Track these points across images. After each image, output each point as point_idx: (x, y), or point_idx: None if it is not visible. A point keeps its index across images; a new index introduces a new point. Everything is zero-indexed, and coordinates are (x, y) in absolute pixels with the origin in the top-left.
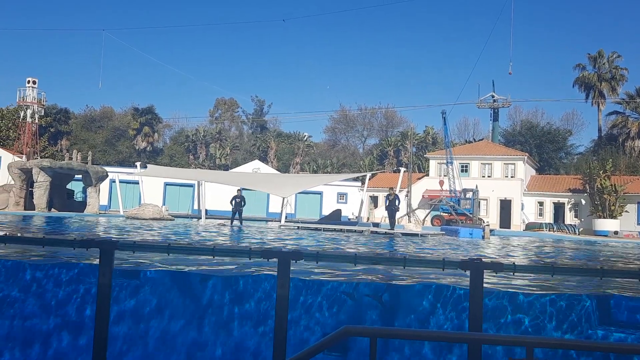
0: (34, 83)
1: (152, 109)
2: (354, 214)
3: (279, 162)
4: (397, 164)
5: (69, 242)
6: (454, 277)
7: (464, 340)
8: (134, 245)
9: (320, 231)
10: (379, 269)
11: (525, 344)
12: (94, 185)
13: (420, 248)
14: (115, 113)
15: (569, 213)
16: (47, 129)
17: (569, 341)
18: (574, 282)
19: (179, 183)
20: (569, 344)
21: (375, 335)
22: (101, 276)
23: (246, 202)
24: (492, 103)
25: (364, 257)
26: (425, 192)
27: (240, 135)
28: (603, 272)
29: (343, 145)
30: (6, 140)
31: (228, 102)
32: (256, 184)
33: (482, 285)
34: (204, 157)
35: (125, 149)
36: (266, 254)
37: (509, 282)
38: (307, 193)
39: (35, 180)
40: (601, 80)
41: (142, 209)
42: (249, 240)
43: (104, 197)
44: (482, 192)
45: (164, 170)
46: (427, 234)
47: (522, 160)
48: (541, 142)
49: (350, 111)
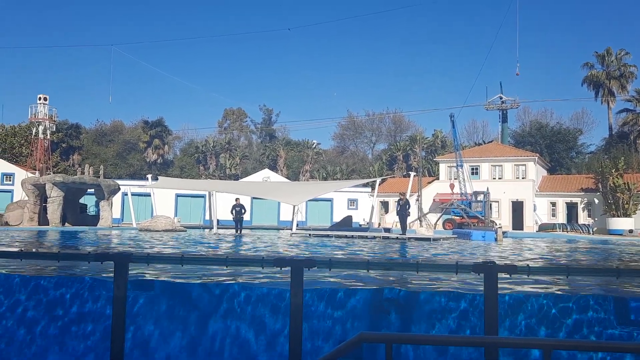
0: (45, 100)
1: (161, 121)
2: (365, 219)
3: (288, 170)
4: (407, 169)
5: (84, 256)
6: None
7: (480, 344)
8: (147, 258)
9: (332, 238)
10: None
11: (542, 347)
12: (107, 199)
13: (433, 252)
14: (126, 127)
15: (582, 213)
16: (59, 144)
17: (586, 342)
18: (590, 282)
19: (190, 194)
20: (586, 345)
21: (390, 341)
22: (116, 289)
23: (246, 210)
24: (501, 105)
25: (376, 263)
26: (436, 196)
27: (249, 145)
28: (619, 272)
29: (352, 152)
30: (19, 157)
31: (236, 112)
32: (267, 193)
33: (496, 288)
34: (214, 168)
35: (136, 161)
36: (279, 263)
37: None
38: (317, 200)
39: (49, 196)
40: (610, 78)
41: (155, 221)
42: (260, 249)
43: (116, 210)
44: (493, 194)
45: (175, 181)
46: (439, 238)
47: (532, 161)
48: (551, 142)
49: (358, 117)
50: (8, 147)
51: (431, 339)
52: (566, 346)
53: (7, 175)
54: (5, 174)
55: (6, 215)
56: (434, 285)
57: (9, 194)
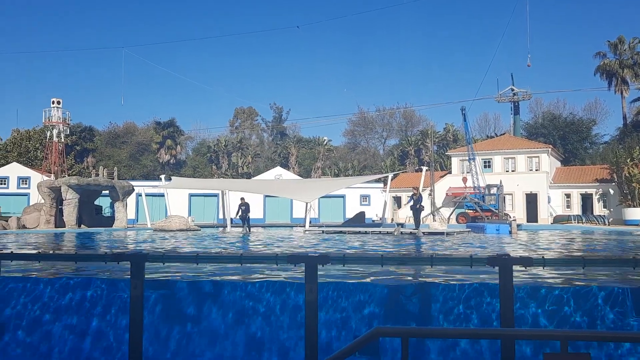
0: (59, 103)
1: (173, 122)
2: (377, 215)
3: (300, 167)
4: (419, 163)
5: (101, 257)
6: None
7: (496, 336)
8: (163, 257)
9: (345, 234)
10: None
11: (559, 338)
12: (121, 200)
13: (447, 246)
14: (138, 128)
15: (598, 204)
16: (73, 147)
17: (603, 333)
18: (607, 273)
19: (203, 193)
20: (603, 336)
21: (406, 335)
22: (133, 288)
23: (249, 210)
24: (512, 96)
25: (390, 258)
26: (448, 190)
27: (260, 143)
28: (635, 263)
29: (363, 148)
30: (34, 161)
31: (247, 111)
32: (279, 191)
33: (511, 280)
34: (227, 167)
35: (150, 162)
36: (293, 259)
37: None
38: (329, 197)
39: (65, 198)
40: (623, 67)
41: (169, 221)
42: (274, 246)
43: (131, 211)
44: (507, 186)
45: (188, 181)
46: (452, 232)
47: (546, 153)
48: (565, 133)
49: (369, 113)
50: (23, 150)
51: (447, 332)
52: (583, 337)
53: (23, 179)
54: (21, 177)
55: (23, 218)
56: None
57: (25, 197)
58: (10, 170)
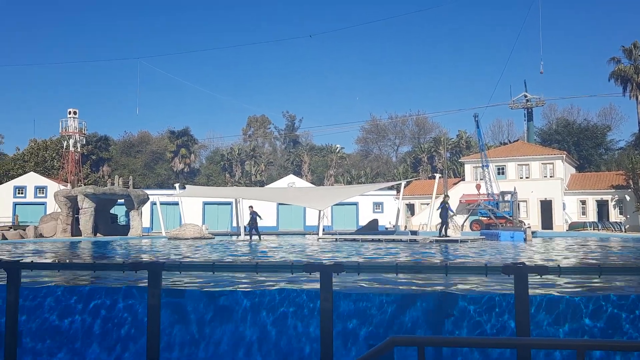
0: (75, 113)
1: (187, 131)
2: (391, 222)
3: (313, 175)
4: (432, 170)
5: (119, 266)
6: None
7: (512, 346)
8: (180, 266)
9: (359, 242)
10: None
11: (576, 347)
12: (136, 209)
13: (461, 254)
14: (153, 137)
15: (614, 210)
16: (89, 156)
17: (620, 342)
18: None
19: (217, 202)
20: (620, 345)
21: (422, 344)
22: (150, 297)
23: (256, 217)
24: (525, 103)
25: (405, 266)
26: (462, 197)
27: (273, 151)
28: None
29: (376, 155)
30: (51, 170)
31: (260, 119)
32: (292, 199)
33: (527, 289)
34: (240, 175)
35: (164, 171)
36: (308, 268)
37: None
38: (342, 204)
39: (81, 207)
40: (638, 72)
41: (183, 229)
42: (288, 254)
43: (146, 220)
44: (521, 193)
45: (202, 190)
46: (466, 240)
47: (560, 159)
48: (579, 140)
49: (381, 120)
50: (41, 160)
51: (463, 341)
52: (599, 346)
53: (40, 188)
54: (38, 187)
55: (40, 227)
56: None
57: (42, 207)
58: (28, 179)
